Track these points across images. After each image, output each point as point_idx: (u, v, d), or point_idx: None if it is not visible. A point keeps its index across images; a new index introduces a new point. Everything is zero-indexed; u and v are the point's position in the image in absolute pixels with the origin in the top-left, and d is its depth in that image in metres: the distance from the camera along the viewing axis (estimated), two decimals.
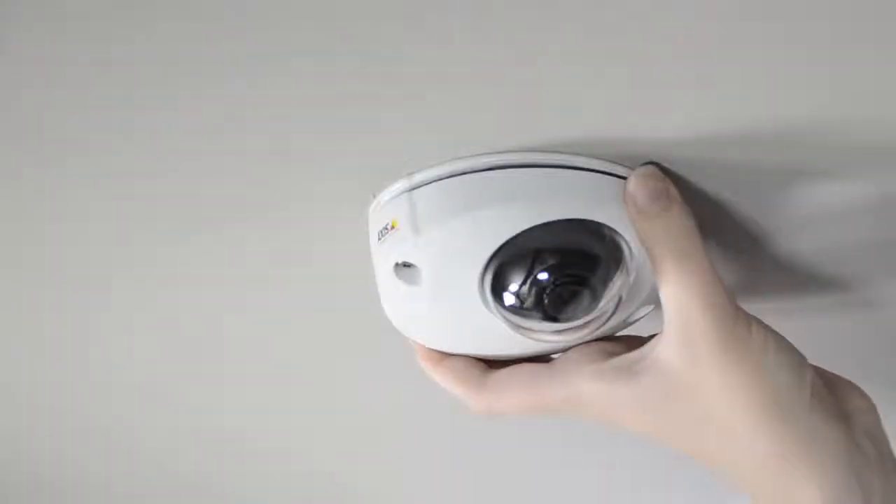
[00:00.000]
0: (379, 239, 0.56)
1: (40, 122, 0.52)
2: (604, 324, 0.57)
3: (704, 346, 0.54)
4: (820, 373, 0.58)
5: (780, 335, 0.56)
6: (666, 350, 0.55)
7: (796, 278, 0.67)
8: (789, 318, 0.58)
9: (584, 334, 0.57)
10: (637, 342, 0.59)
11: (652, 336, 0.58)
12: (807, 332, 0.58)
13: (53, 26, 0.46)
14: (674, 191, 0.56)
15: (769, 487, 0.55)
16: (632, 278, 0.57)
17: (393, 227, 0.55)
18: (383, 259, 0.56)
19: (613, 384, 0.57)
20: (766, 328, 0.56)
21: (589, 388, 0.58)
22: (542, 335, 0.57)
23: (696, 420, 0.55)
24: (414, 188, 0.55)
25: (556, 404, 0.59)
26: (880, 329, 0.76)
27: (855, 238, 0.64)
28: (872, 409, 0.58)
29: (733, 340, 0.54)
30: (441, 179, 0.55)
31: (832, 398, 0.57)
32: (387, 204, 0.56)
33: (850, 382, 0.59)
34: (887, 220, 0.62)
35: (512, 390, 0.60)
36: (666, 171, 0.56)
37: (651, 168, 0.56)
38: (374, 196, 0.57)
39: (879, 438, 0.57)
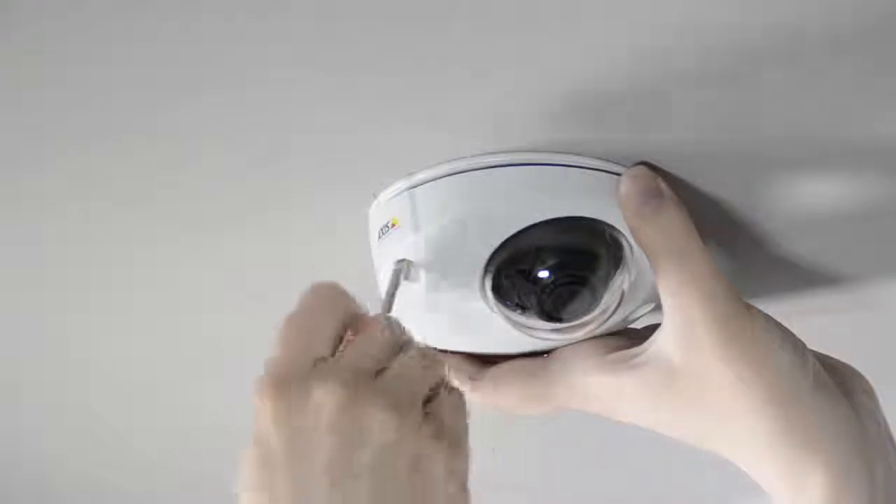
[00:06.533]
0: (379, 237, 0.57)
1: (40, 122, 0.52)
2: (604, 322, 0.57)
3: (706, 338, 0.55)
4: (820, 358, 0.58)
5: (779, 322, 0.56)
6: (667, 342, 0.56)
7: (796, 279, 0.67)
8: (788, 318, 0.58)
9: (584, 333, 0.58)
10: (636, 335, 0.59)
11: (651, 329, 0.58)
12: (806, 332, 0.58)
13: (53, 26, 0.46)
14: (666, 189, 0.56)
15: (776, 470, 0.55)
16: (633, 276, 0.57)
17: (394, 225, 0.56)
18: (384, 257, 0.56)
19: (615, 377, 0.57)
20: (767, 316, 0.56)
21: (590, 381, 0.58)
22: (543, 333, 0.57)
23: (699, 409, 0.56)
24: (414, 186, 0.55)
25: (555, 397, 0.59)
26: (880, 329, 0.76)
27: (855, 238, 0.64)
28: (872, 391, 0.59)
29: (735, 330, 0.55)
30: (441, 178, 0.55)
31: (834, 381, 0.57)
32: (387, 202, 0.56)
33: (849, 366, 0.59)
34: (887, 220, 0.62)
35: (510, 383, 0.60)
36: (664, 171, 0.56)
37: (641, 168, 0.56)
38: (375, 196, 0.57)
39: (880, 420, 0.57)
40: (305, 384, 0.49)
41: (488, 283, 0.56)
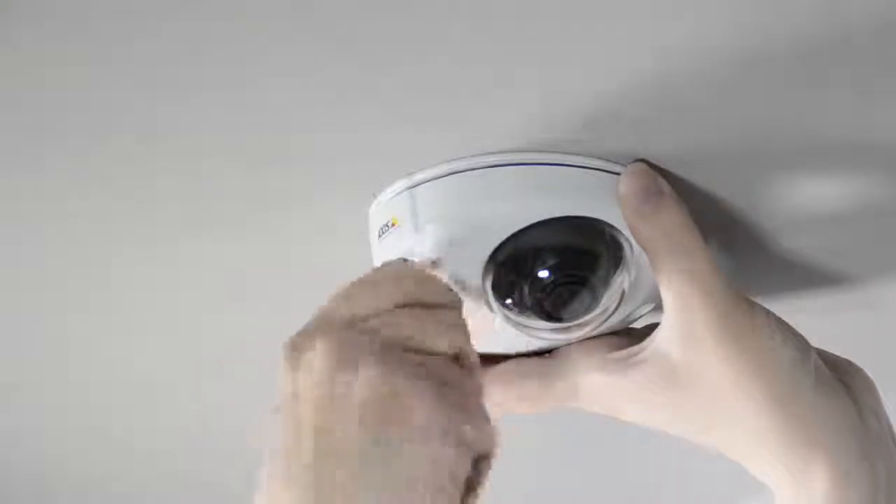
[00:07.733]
0: (380, 237, 0.57)
1: (40, 122, 0.52)
2: (604, 322, 0.57)
3: (706, 335, 0.55)
4: (821, 354, 0.58)
5: (780, 318, 0.56)
6: (667, 341, 0.56)
7: (796, 279, 0.67)
8: (788, 318, 0.58)
9: (584, 332, 0.58)
10: (636, 335, 0.59)
11: (651, 328, 0.58)
12: (807, 332, 0.58)
13: (53, 26, 0.46)
14: (666, 186, 0.55)
15: (779, 468, 0.55)
16: (633, 276, 0.57)
17: (394, 225, 0.56)
18: (384, 256, 0.56)
19: (614, 375, 0.57)
20: (768, 312, 0.56)
21: (590, 379, 0.58)
22: (543, 333, 0.57)
23: (700, 407, 0.56)
24: (414, 186, 0.55)
25: (555, 397, 0.59)
26: (881, 329, 0.76)
27: (855, 238, 0.64)
28: (874, 387, 0.58)
29: (735, 327, 0.55)
30: (441, 178, 0.55)
31: (835, 377, 0.57)
32: (388, 202, 0.57)
33: (851, 362, 0.59)
34: (887, 220, 0.63)
35: (510, 383, 0.60)
36: (664, 171, 0.56)
37: (640, 166, 0.56)
38: (375, 196, 0.57)
39: (882, 416, 0.57)
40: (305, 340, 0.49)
41: (488, 283, 0.56)
